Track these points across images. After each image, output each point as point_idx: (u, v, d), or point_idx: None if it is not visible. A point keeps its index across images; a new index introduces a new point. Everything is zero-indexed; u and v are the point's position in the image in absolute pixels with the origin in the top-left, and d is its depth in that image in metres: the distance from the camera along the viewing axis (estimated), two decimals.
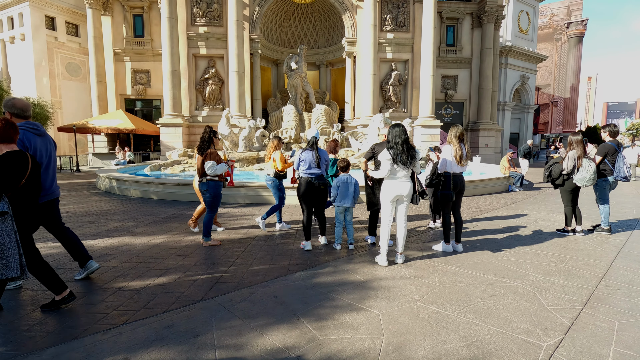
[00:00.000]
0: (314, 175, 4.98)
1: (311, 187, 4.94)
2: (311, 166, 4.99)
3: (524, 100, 35.40)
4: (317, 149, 5.06)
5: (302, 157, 5.06)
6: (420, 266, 4.26)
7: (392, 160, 4.03)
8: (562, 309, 3.12)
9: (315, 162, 4.97)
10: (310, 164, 4.99)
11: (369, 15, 21.57)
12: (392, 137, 4.08)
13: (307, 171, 5.01)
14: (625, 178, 5.96)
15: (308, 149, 5.08)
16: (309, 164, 5.00)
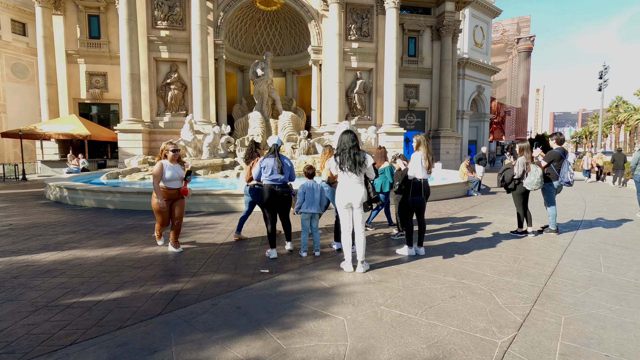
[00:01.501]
0: (277, 182, 4.90)
1: (274, 195, 4.87)
2: (274, 172, 4.92)
3: (481, 109, 37.46)
4: (279, 155, 5.01)
5: (264, 164, 4.95)
6: (384, 271, 4.33)
7: (339, 166, 4.13)
8: (515, 307, 3.30)
9: (278, 168, 4.91)
10: (273, 171, 4.93)
11: (334, 24, 21.97)
12: (341, 143, 4.18)
13: (269, 177, 4.91)
14: (568, 183, 6.45)
15: (270, 156, 5.00)
16: (271, 171, 4.92)
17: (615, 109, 66.00)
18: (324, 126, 23.73)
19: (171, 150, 5.13)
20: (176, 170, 5.12)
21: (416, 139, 5.03)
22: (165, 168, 5.03)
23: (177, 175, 5.11)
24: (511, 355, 2.52)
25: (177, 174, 5.12)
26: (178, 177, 5.13)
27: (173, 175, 5.08)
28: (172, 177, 5.08)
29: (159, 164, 5.00)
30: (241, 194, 8.86)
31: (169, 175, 5.04)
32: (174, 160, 5.16)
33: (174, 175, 5.08)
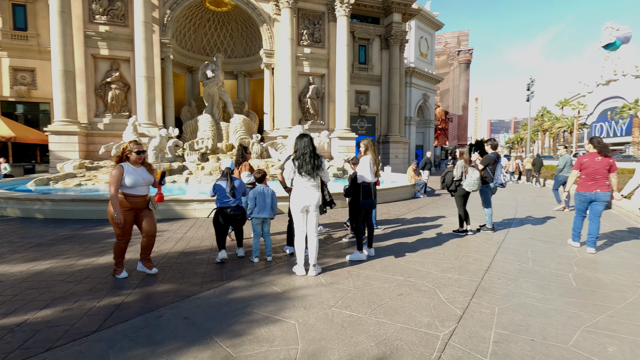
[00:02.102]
0: (229, 205, 4.88)
1: (225, 217, 4.84)
2: (225, 196, 4.88)
3: (426, 116, 39.66)
4: (232, 179, 4.95)
5: (217, 187, 4.95)
6: (336, 273, 4.41)
7: (297, 170, 4.15)
8: (456, 301, 3.53)
9: (230, 191, 4.85)
10: (225, 194, 4.88)
11: (286, 29, 22.02)
12: (299, 147, 4.21)
13: (221, 201, 4.91)
14: (502, 185, 7.06)
15: (222, 179, 4.95)
16: (223, 194, 4.89)
17: (541, 118, 73.48)
18: (277, 130, 23.63)
19: (135, 152, 4.22)
20: (140, 174, 4.24)
21: (363, 143, 5.09)
22: (126, 172, 4.15)
23: (142, 180, 4.23)
24: (451, 346, 2.69)
25: (143, 178, 4.25)
26: (144, 183, 4.26)
27: (137, 181, 4.19)
28: (136, 182, 4.19)
29: (118, 167, 4.10)
30: (191, 200, 8.52)
31: (131, 181, 4.14)
32: (137, 163, 4.27)
33: (137, 180, 4.20)
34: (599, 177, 5.44)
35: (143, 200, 4.28)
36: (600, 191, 5.40)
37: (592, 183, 5.47)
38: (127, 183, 4.10)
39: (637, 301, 3.53)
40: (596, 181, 5.45)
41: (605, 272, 4.44)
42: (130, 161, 4.25)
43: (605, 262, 4.88)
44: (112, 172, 4.09)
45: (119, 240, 4.24)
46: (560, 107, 67.90)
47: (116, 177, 4.06)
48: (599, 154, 5.52)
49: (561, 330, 2.93)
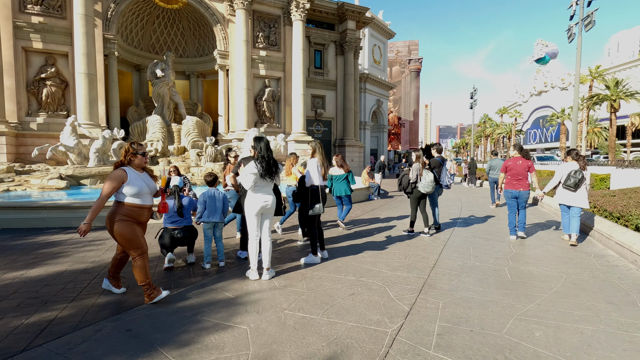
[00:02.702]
0: (177, 225, 4.71)
1: (172, 239, 4.66)
2: (174, 215, 4.70)
3: (380, 121, 41.04)
4: (180, 197, 4.75)
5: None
6: (290, 275, 4.40)
7: (260, 173, 4.07)
8: (404, 298, 3.69)
9: (177, 210, 4.66)
10: (173, 214, 4.69)
11: (241, 30, 21.67)
12: (260, 149, 4.15)
13: (169, 221, 4.71)
14: (447, 186, 7.51)
15: (170, 197, 4.73)
16: (171, 213, 4.70)
17: (483, 125, 79.16)
18: (232, 133, 23.11)
19: (140, 153, 3.61)
20: (145, 181, 3.62)
21: (311, 145, 5.06)
22: (131, 179, 3.48)
23: (147, 187, 3.61)
24: (399, 341, 2.81)
25: (148, 185, 3.63)
26: (149, 191, 3.66)
27: (143, 188, 3.55)
28: (142, 190, 3.54)
29: (120, 172, 3.45)
30: None
31: (136, 189, 3.48)
32: (140, 167, 3.67)
33: (143, 187, 3.55)
34: (521, 177, 6.56)
35: (148, 211, 3.70)
36: (522, 189, 6.55)
37: (516, 182, 6.58)
38: (131, 191, 3.47)
39: (561, 290, 3.93)
40: (519, 180, 6.57)
41: (536, 265, 4.89)
42: (134, 165, 3.61)
43: (535, 256, 5.38)
44: (113, 176, 3.41)
45: (142, 257, 3.51)
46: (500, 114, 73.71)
47: (119, 178, 3.41)
48: (520, 158, 6.64)
49: (497, 319, 3.18)
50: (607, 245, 5.88)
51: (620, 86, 39.98)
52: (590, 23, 13.48)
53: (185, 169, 17.14)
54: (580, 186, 6.16)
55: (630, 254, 4.99)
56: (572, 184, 6.16)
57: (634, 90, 41.06)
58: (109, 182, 3.40)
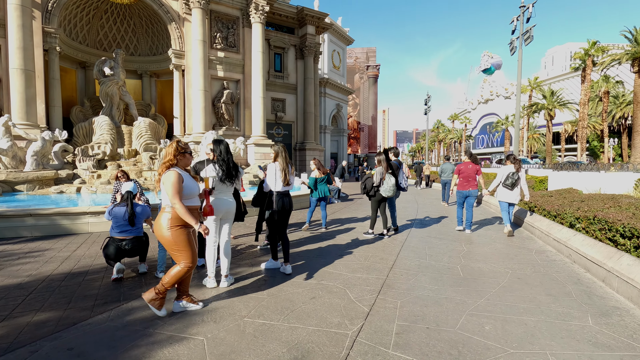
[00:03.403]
0: (126, 235, 4.39)
1: (119, 251, 4.35)
2: (124, 224, 4.36)
3: (340, 125, 41.68)
4: (132, 204, 4.44)
5: (114, 213, 4.38)
6: (250, 281, 4.30)
7: (220, 176, 3.94)
8: (364, 299, 3.74)
9: (129, 218, 4.35)
10: (123, 223, 4.37)
11: (197, 30, 21.01)
12: (220, 152, 4.02)
13: (117, 230, 4.37)
14: (404, 189, 7.76)
15: (122, 204, 4.42)
16: (120, 221, 4.35)
17: (436, 130, 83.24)
18: (189, 135, 22.29)
19: (189, 152, 3.42)
20: (193, 182, 3.46)
21: (274, 149, 4.85)
22: (185, 179, 3.29)
23: (198, 189, 3.49)
24: (359, 342, 2.84)
25: (197, 186, 3.49)
26: (198, 191, 3.50)
27: (195, 190, 3.41)
28: (194, 192, 3.41)
29: (178, 174, 3.20)
30: (83, 212, 7.46)
31: (190, 191, 3.33)
32: (185, 167, 3.49)
33: (195, 189, 3.41)
34: (471, 179, 7.57)
35: (198, 213, 3.50)
36: (472, 189, 7.55)
37: (466, 183, 7.57)
38: (186, 194, 3.28)
39: (507, 285, 4.21)
40: (469, 182, 7.57)
41: (485, 262, 5.20)
42: (182, 165, 3.39)
43: (484, 254, 5.71)
44: (171, 180, 3.14)
45: (189, 269, 3.30)
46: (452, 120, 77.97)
47: (179, 184, 3.17)
48: (470, 163, 7.62)
49: (451, 316, 3.32)
50: (547, 241, 6.40)
51: (555, 96, 43.97)
52: (529, 38, 14.72)
53: (137, 173, 16.22)
54: (516, 185, 7.20)
55: (566, 249, 5.46)
56: (509, 184, 7.18)
57: (566, 101, 45.36)
58: (174, 186, 3.14)
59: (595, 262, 4.45)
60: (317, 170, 8.06)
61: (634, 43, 28.61)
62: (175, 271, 3.25)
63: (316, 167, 8.06)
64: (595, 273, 4.46)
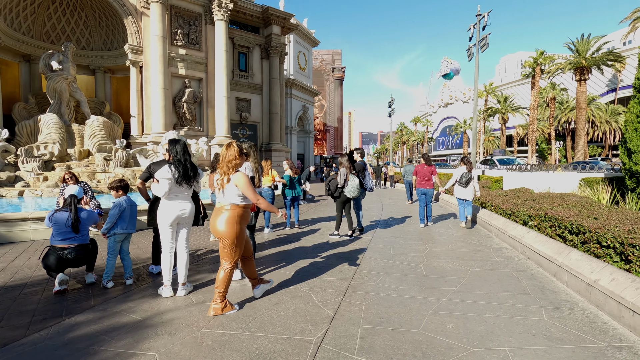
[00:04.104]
0: (69, 243, 3.98)
1: (60, 261, 3.94)
2: (66, 231, 3.96)
3: (306, 126, 41.64)
4: (77, 209, 4.05)
5: (55, 219, 3.94)
6: (210, 289, 4.08)
7: (176, 178, 3.69)
8: (329, 303, 3.67)
9: (72, 224, 3.96)
10: (65, 230, 3.96)
11: (156, 25, 20.09)
12: (176, 153, 3.78)
13: (59, 238, 3.94)
14: (371, 189, 7.81)
15: (64, 210, 4.02)
16: (62, 228, 3.94)
17: (400, 132, 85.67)
18: (147, 135, 21.25)
19: (245, 153, 3.67)
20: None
21: (244, 147, 4.53)
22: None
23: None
24: (323, 349, 2.75)
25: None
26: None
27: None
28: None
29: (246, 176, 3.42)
30: (24, 218, 6.80)
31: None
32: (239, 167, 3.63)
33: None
34: (427, 179, 8.55)
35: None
36: (428, 188, 8.50)
37: (424, 182, 8.54)
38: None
39: (467, 282, 4.31)
40: (425, 181, 8.54)
41: (447, 261, 5.32)
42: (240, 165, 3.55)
43: (446, 253, 5.85)
44: (246, 180, 3.35)
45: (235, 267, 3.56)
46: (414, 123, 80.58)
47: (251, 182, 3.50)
48: (425, 164, 8.63)
49: (414, 316, 3.32)
50: (503, 239, 6.69)
51: (508, 101, 46.75)
52: (485, 45, 15.49)
53: (89, 175, 15.20)
54: (469, 183, 8.14)
55: (521, 245, 5.73)
56: (463, 182, 8.16)
57: (518, 106, 48.37)
58: (250, 186, 3.38)
59: (547, 258, 4.69)
60: (290, 170, 8.27)
61: (576, 54, 31.11)
62: (224, 275, 3.41)
63: (289, 166, 8.32)
64: (547, 268, 4.70)
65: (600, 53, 30.52)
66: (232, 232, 3.38)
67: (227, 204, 3.43)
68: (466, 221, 8.27)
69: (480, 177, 16.41)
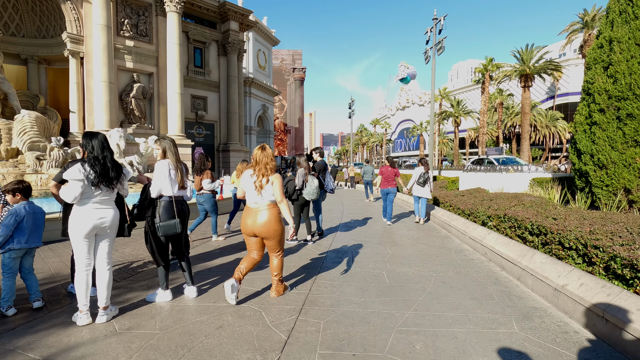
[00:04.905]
0: None
1: None
2: None
3: (266, 126, 40.75)
4: None
5: None
6: (139, 312, 3.42)
7: (92, 179, 3.01)
8: (282, 323, 3.18)
9: None
10: None
11: (99, 13, 18.40)
12: (92, 149, 3.10)
13: None
14: (332, 190, 7.43)
15: None
16: None
17: (360, 134, 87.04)
18: None
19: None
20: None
21: (160, 145, 3.81)
22: None
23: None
24: None
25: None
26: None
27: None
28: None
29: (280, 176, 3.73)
30: None
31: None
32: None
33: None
34: (390, 179, 8.80)
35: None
36: (391, 187, 8.76)
37: (387, 183, 8.78)
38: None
39: (433, 290, 4.03)
40: (389, 182, 8.78)
41: (410, 266, 5.04)
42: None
43: (408, 257, 5.60)
44: (280, 181, 3.67)
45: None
46: (374, 125, 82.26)
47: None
48: (390, 166, 8.90)
49: (379, 335, 2.93)
50: (463, 240, 6.60)
51: (460, 105, 49.05)
52: (441, 48, 15.83)
53: (17, 176, 13.48)
54: (427, 183, 8.68)
55: (482, 247, 5.62)
56: (422, 182, 8.67)
57: (470, 110, 50.93)
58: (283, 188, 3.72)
59: (510, 261, 4.55)
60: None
61: (521, 62, 33.21)
62: (278, 262, 3.84)
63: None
64: (510, 271, 4.56)
65: (541, 62, 32.81)
66: (278, 228, 3.67)
67: (265, 203, 3.62)
68: (421, 217, 8.90)
69: (437, 178, 16.76)
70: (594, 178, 6.50)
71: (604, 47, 6.49)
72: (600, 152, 6.33)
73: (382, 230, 7.98)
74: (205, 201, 6.71)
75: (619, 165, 6.08)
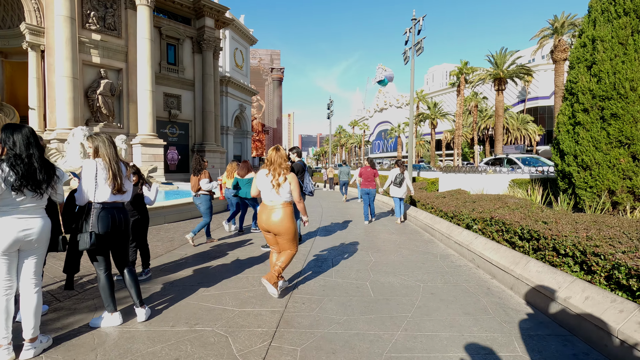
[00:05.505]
0: None
1: None
2: None
3: (244, 126, 39.83)
4: None
5: None
6: (79, 341, 2.84)
7: (12, 182, 2.42)
8: (252, 352, 2.69)
9: None
10: None
11: (62, 3, 17.22)
12: (13, 144, 2.50)
13: None
14: (311, 192, 6.97)
15: None
16: None
17: (339, 135, 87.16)
18: (51, 131, 18.15)
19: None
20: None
21: (92, 142, 3.11)
22: None
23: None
24: None
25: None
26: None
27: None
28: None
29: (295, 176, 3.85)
30: None
31: None
32: None
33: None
34: (370, 180, 9.26)
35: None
36: (371, 188, 9.21)
37: (367, 183, 9.24)
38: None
39: (422, 304, 3.65)
40: (368, 182, 9.24)
41: (394, 275, 4.66)
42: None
43: (392, 264, 5.22)
44: (296, 180, 3.81)
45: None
46: (352, 127, 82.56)
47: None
48: (370, 167, 9.34)
49: None
50: (448, 244, 6.31)
51: (437, 108, 49.87)
52: (420, 48, 15.74)
53: None
54: (402, 183, 8.86)
55: (469, 252, 5.32)
56: (398, 182, 8.87)
57: (446, 112, 51.89)
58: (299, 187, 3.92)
59: (502, 268, 4.26)
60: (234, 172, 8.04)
61: (495, 66, 34.01)
62: (287, 257, 3.84)
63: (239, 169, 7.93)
64: (502, 280, 4.26)
65: (514, 67, 33.72)
66: (292, 226, 3.79)
67: (280, 202, 3.75)
68: (400, 217, 9.15)
69: (416, 179, 16.66)
70: (577, 179, 6.37)
71: (587, 46, 6.39)
72: (584, 153, 6.20)
73: (364, 234, 7.61)
74: (202, 203, 6.58)
75: (603, 166, 5.97)
